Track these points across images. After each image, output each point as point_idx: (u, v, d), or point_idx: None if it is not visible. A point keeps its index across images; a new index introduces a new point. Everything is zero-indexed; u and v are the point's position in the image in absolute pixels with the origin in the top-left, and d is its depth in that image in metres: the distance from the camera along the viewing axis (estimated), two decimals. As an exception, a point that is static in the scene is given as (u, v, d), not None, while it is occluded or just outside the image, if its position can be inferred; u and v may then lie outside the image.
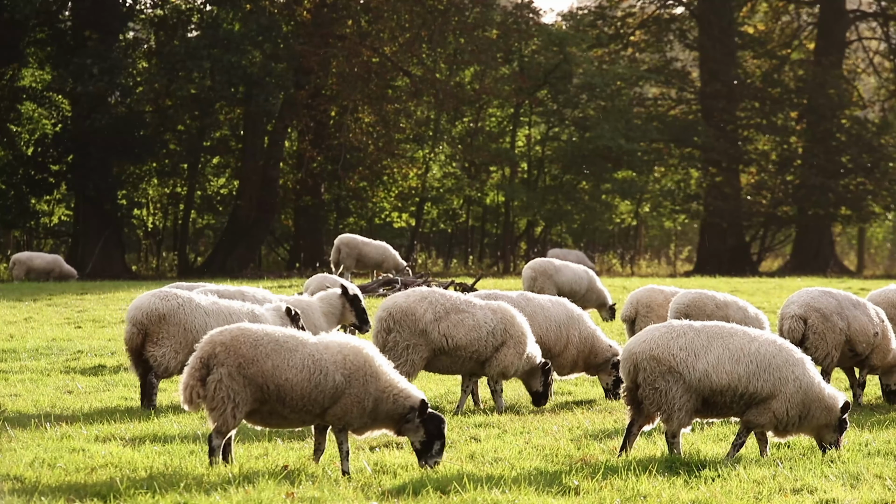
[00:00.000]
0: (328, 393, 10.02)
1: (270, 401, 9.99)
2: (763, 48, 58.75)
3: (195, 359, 10.02)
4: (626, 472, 10.04)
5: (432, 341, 13.58)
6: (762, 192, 57.38)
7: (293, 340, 10.12)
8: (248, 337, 10.01)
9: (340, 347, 10.18)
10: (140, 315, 13.88)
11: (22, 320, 23.61)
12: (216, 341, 10.02)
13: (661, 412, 10.67)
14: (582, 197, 54.69)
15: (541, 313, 14.51)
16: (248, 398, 9.93)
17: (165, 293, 14.11)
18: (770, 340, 10.87)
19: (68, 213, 51.65)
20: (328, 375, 10.02)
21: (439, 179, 54.66)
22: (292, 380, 9.95)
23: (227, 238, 49.45)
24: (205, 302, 14.15)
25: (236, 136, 51.77)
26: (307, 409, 10.06)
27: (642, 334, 10.90)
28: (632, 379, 10.80)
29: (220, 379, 9.86)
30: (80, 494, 9.19)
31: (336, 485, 9.60)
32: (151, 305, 13.90)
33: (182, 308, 13.91)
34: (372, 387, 10.12)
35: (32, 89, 48.27)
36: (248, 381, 9.90)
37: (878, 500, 9.30)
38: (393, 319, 13.63)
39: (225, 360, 9.90)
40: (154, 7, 49.39)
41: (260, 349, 9.96)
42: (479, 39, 49.71)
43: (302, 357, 10.04)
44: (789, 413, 10.74)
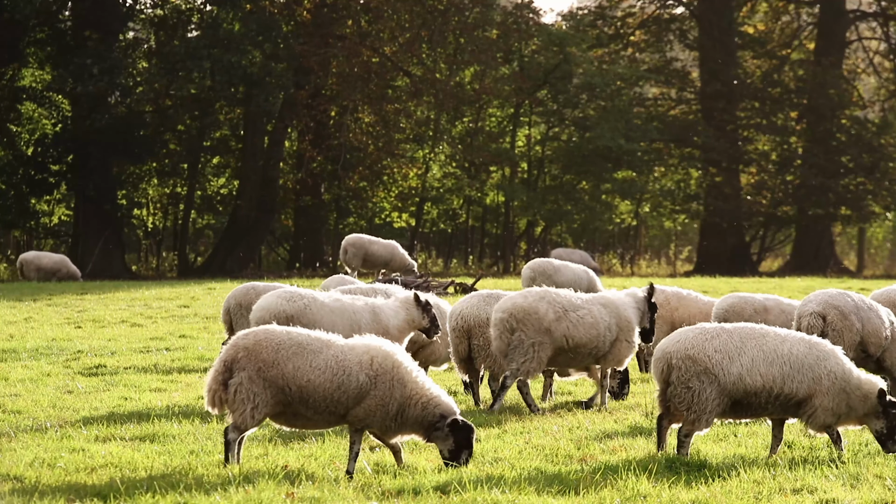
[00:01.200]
0: (351, 394, 10.05)
1: (293, 402, 10.02)
2: (763, 48, 58.74)
3: (219, 362, 10.09)
4: (626, 472, 10.04)
5: (555, 340, 13.77)
6: (762, 192, 57.37)
7: (318, 342, 10.16)
8: (271, 340, 10.06)
9: (368, 349, 10.21)
10: (268, 316, 13.96)
11: (22, 320, 23.62)
12: (239, 345, 10.08)
13: (690, 412, 10.64)
14: (582, 197, 54.68)
15: None
16: (268, 400, 9.97)
17: (291, 293, 14.18)
18: (799, 339, 10.89)
19: (68, 213, 51.65)
20: (352, 376, 10.05)
21: (439, 179, 54.66)
22: (314, 381, 9.99)
23: (227, 238, 49.44)
24: (329, 300, 14.22)
25: (236, 136, 51.77)
26: (330, 409, 10.08)
27: (675, 335, 10.92)
28: (664, 378, 10.82)
29: (241, 382, 9.94)
30: (80, 494, 9.19)
31: (336, 485, 9.60)
32: (279, 307, 14.01)
33: (308, 308, 14.00)
34: (398, 392, 10.13)
35: (32, 89, 48.26)
36: (269, 384, 9.95)
37: (878, 500, 9.30)
38: (515, 319, 13.74)
39: (246, 364, 9.97)
40: (154, 7, 49.39)
41: (281, 352, 10.00)
42: (479, 39, 49.72)
43: (325, 358, 10.07)
44: (838, 404, 10.76)
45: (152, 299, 28.65)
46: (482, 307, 14.23)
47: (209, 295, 30.09)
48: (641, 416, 13.22)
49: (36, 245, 50.92)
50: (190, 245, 55.06)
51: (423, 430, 10.28)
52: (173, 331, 21.87)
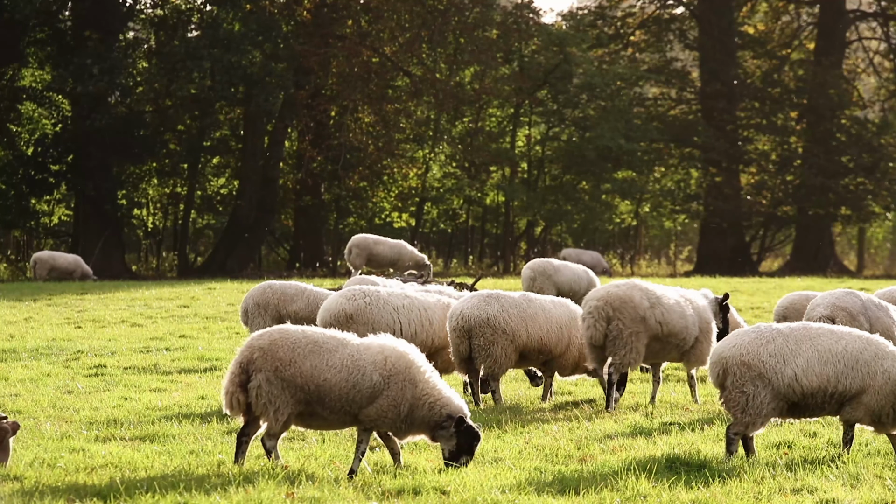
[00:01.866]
0: (365, 393, 10.05)
1: (311, 402, 10.03)
2: (763, 48, 58.74)
3: (235, 364, 10.07)
4: (626, 472, 10.04)
5: (650, 328, 13.91)
6: (762, 192, 57.37)
7: (333, 341, 10.15)
8: (286, 339, 10.05)
9: (382, 349, 10.20)
10: (328, 316, 14.06)
11: (22, 320, 23.61)
12: (255, 346, 10.06)
13: (745, 415, 10.62)
14: (582, 197, 54.68)
15: (542, 314, 14.51)
16: (288, 400, 9.97)
17: (353, 292, 14.22)
18: (857, 336, 10.82)
19: (68, 213, 51.64)
20: (366, 375, 10.05)
21: (439, 179, 54.65)
22: (331, 380, 9.99)
23: (227, 238, 49.43)
24: (394, 298, 14.23)
25: (236, 136, 51.76)
26: (345, 409, 10.09)
27: (731, 338, 10.89)
28: (720, 382, 10.82)
29: (260, 385, 9.92)
30: (80, 494, 9.19)
31: (336, 485, 9.60)
32: (338, 306, 14.10)
33: (369, 307, 14.02)
34: (409, 392, 10.13)
35: (32, 89, 48.26)
36: (287, 384, 9.94)
37: (878, 500, 9.30)
38: (612, 308, 13.87)
39: (262, 365, 9.95)
40: (154, 7, 49.38)
41: (297, 351, 9.99)
42: (479, 39, 49.72)
43: (341, 357, 10.07)
44: (882, 406, 10.65)
45: (152, 299, 28.64)
46: (483, 307, 14.18)
47: (209, 295, 30.09)
48: (641, 416, 13.22)
49: (36, 245, 50.91)
50: (190, 245, 55.04)
51: (429, 430, 10.27)
52: (173, 331, 21.87)
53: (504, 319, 14.11)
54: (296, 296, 17.09)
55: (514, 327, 14.11)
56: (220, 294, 30.32)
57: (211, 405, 13.79)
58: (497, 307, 14.16)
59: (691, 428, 12.40)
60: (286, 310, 16.95)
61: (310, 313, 16.77)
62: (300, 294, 17.12)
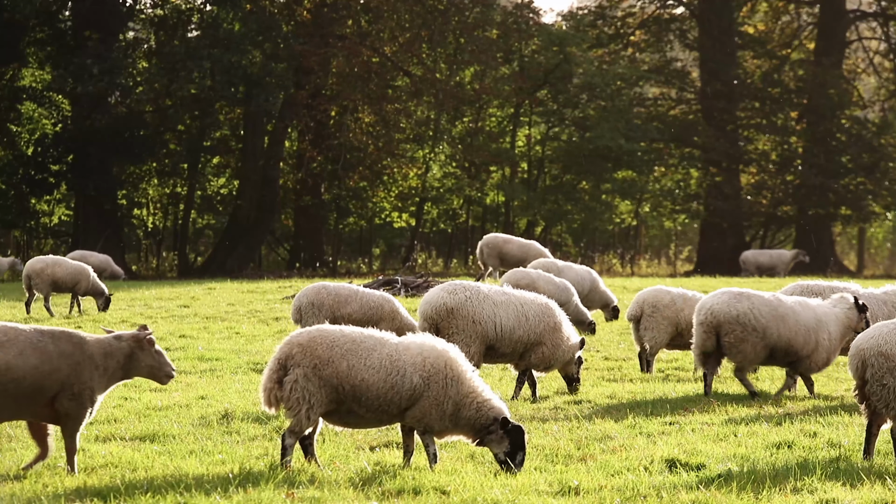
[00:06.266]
0: (405, 394, 10.06)
1: (347, 401, 10.02)
2: (763, 48, 58.74)
3: (273, 360, 10.06)
4: (626, 472, 10.04)
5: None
6: (762, 192, 57.38)
7: (371, 340, 10.15)
8: (326, 338, 10.04)
9: (421, 349, 10.19)
10: (429, 309, 14.26)
11: (22, 320, 23.60)
12: (294, 342, 10.05)
13: (889, 409, 10.53)
14: (582, 197, 54.68)
15: (791, 315, 14.81)
16: (323, 399, 9.96)
17: (453, 287, 14.40)
18: None
19: (68, 213, 51.64)
20: (405, 377, 10.05)
21: (439, 179, 54.64)
22: (368, 380, 9.97)
23: (227, 238, 49.43)
24: (494, 293, 14.39)
25: (236, 136, 51.76)
26: (383, 409, 10.09)
27: (870, 331, 10.85)
28: (860, 375, 10.76)
29: (296, 380, 9.90)
30: (80, 494, 9.19)
31: (336, 485, 9.60)
32: (440, 300, 14.28)
33: (470, 301, 14.18)
34: (452, 391, 10.13)
35: (32, 89, 48.26)
36: (324, 382, 9.94)
37: (878, 500, 9.30)
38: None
39: (301, 360, 9.94)
40: (154, 7, 49.39)
41: (336, 349, 9.98)
42: (479, 39, 49.72)
43: (380, 357, 10.06)
44: None
45: (152, 299, 28.64)
46: (733, 304, 14.53)
47: (209, 295, 30.08)
48: (641, 416, 13.21)
49: (36, 245, 50.92)
50: (190, 245, 55.05)
51: (473, 433, 10.26)
52: (173, 331, 21.85)
53: (754, 317, 14.41)
54: (349, 297, 17.28)
55: (764, 325, 14.41)
56: (220, 294, 30.31)
57: (211, 405, 13.79)
58: (747, 305, 14.43)
59: (691, 428, 12.40)
60: (340, 312, 17.16)
61: (363, 315, 17.03)
62: (353, 296, 17.31)
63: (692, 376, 17.12)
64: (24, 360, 9.69)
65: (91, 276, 25.27)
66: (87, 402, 9.93)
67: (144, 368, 10.19)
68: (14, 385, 9.66)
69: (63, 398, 9.84)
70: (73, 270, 25.00)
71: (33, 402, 9.82)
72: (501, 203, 56.04)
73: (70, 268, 25.01)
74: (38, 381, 9.73)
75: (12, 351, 9.67)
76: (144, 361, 10.16)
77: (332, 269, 48.24)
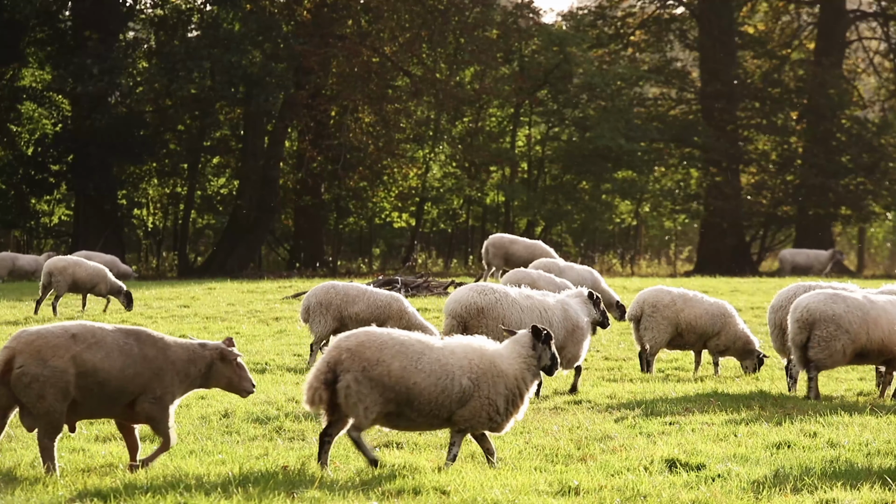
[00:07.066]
0: (455, 397, 10.12)
1: (400, 403, 10.06)
2: (763, 48, 58.75)
3: (322, 362, 10.08)
4: (626, 472, 10.04)
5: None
6: (762, 192, 57.38)
7: (419, 344, 10.19)
8: (374, 341, 10.08)
9: (465, 352, 10.26)
10: (459, 308, 14.42)
11: (22, 320, 23.61)
12: (342, 347, 10.08)
13: None
14: (582, 197, 54.69)
15: (884, 316, 14.89)
16: (377, 399, 9.98)
17: (482, 288, 14.61)
18: None
19: (68, 213, 51.64)
20: (455, 380, 10.11)
21: (439, 179, 54.65)
22: (420, 384, 10.04)
23: (227, 238, 49.44)
24: (520, 297, 14.61)
25: (236, 136, 51.76)
26: (434, 413, 10.16)
27: None
28: None
29: (348, 385, 9.94)
30: (80, 494, 9.19)
31: (336, 485, 9.60)
32: (470, 299, 14.47)
33: (499, 302, 14.39)
34: (501, 386, 10.22)
35: (32, 89, 48.26)
36: (375, 383, 9.96)
37: (878, 500, 9.30)
38: None
39: (350, 365, 9.97)
40: (154, 7, 49.40)
41: (385, 352, 10.02)
42: (479, 39, 49.72)
43: (429, 361, 10.11)
44: None
45: (152, 299, 28.64)
46: (829, 304, 14.57)
47: (209, 295, 30.08)
48: (641, 416, 13.21)
49: (36, 245, 50.93)
50: (190, 245, 55.05)
51: None
52: (173, 331, 21.85)
53: (848, 320, 14.50)
54: (357, 297, 17.44)
55: (856, 329, 14.50)
56: (220, 294, 30.31)
57: (211, 405, 13.78)
58: (843, 307, 14.52)
59: (691, 428, 12.40)
60: (348, 311, 17.35)
61: (370, 315, 17.23)
62: (361, 296, 17.47)
63: (692, 376, 17.13)
64: (111, 363, 9.77)
65: (109, 277, 25.42)
66: (167, 404, 10.02)
67: (223, 380, 10.28)
68: (98, 387, 9.73)
69: (144, 401, 9.92)
70: (93, 272, 25.16)
71: (115, 404, 9.90)
72: (501, 203, 56.05)
73: (90, 269, 25.17)
74: (122, 384, 9.81)
75: (100, 353, 9.73)
76: (224, 373, 10.25)
77: (332, 269, 48.24)
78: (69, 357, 9.61)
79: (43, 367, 9.54)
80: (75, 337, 9.71)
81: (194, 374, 10.15)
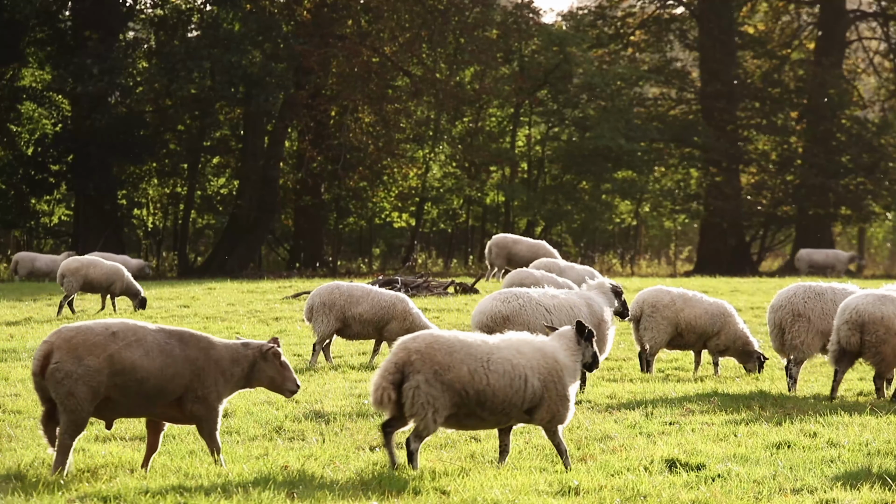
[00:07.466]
0: (527, 397, 10.17)
1: (470, 405, 10.06)
2: (763, 48, 58.76)
3: (390, 363, 10.06)
4: (626, 472, 10.04)
5: None
6: (762, 192, 57.39)
7: (486, 346, 10.21)
8: (443, 344, 10.08)
9: (534, 352, 10.30)
10: (486, 319, 14.48)
11: (22, 320, 23.61)
12: (411, 349, 10.06)
13: None
14: (582, 197, 54.69)
15: None
16: (447, 403, 9.99)
17: (505, 295, 14.66)
18: None
19: (68, 213, 51.64)
20: (527, 381, 10.17)
21: (439, 179, 54.65)
22: (494, 385, 10.05)
23: (227, 238, 49.44)
24: (544, 298, 14.66)
25: (236, 136, 51.76)
26: (506, 412, 10.20)
27: None
28: None
29: (418, 386, 9.92)
30: (80, 494, 9.19)
31: (336, 485, 9.60)
32: (494, 308, 14.56)
33: (524, 308, 14.43)
34: (568, 378, 10.33)
35: (32, 89, 48.26)
36: (446, 387, 9.97)
37: (878, 500, 9.30)
38: None
39: (421, 367, 9.96)
40: (154, 7, 49.40)
41: (455, 356, 10.03)
42: (479, 39, 49.72)
43: (501, 361, 10.13)
44: None
45: (152, 299, 28.63)
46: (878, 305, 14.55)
47: (209, 295, 30.08)
48: (641, 416, 13.22)
49: (36, 245, 50.93)
50: (190, 245, 55.05)
51: None
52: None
53: None
54: (361, 298, 17.44)
55: None
56: (220, 294, 30.31)
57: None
58: (893, 308, 14.48)
59: (691, 428, 12.40)
60: (351, 311, 17.35)
61: (373, 315, 17.30)
62: (365, 296, 17.47)
63: (692, 376, 17.12)
64: (150, 362, 9.77)
65: (126, 277, 25.43)
66: (214, 403, 10.03)
67: (266, 379, 10.26)
68: (137, 385, 9.74)
69: (188, 401, 9.95)
70: (108, 271, 25.19)
71: (154, 403, 9.91)
72: (501, 203, 56.06)
73: (105, 268, 25.20)
74: (161, 383, 9.82)
75: (139, 351, 9.74)
76: (267, 372, 10.23)
77: (332, 269, 48.23)
78: (105, 356, 9.63)
79: (77, 365, 9.57)
80: (115, 335, 9.74)
81: (238, 375, 10.16)
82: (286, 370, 10.30)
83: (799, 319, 15.56)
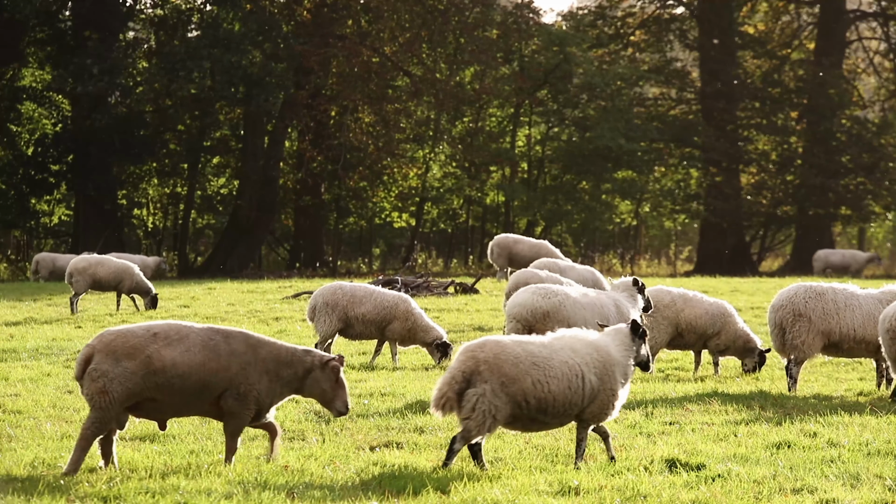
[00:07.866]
0: (587, 395, 10.23)
1: (531, 412, 10.09)
2: (763, 48, 58.76)
3: (457, 371, 10.00)
4: (626, 472, 10.04)
5: None
6: (762, 192, 57.40)
7: (546, 350, 10.23)
8: (509, 355, 10.06)
9: (588, 348, 10.34)
10: (525, 312, 14.70)
11: (22, 320, 23.61)
12: (479, 358, 10.02)
13: None
14: (582, 197, 54.69)
15: None
16: (506, 414, 10.02)
17: (545, 290, 14.84)
18: None
19: (68, 213, 51.64)
20: (585, 379, 10.22)
21: (439, 179, 54.66)
22: (554, 391, 10.10)
23: (227, 238, 49.44)
24: (579, 296, 14.96)
25: (236, 136, 51.77)
26: (567, 412, 10.26)
27: None
28: None
29: (484, 394, 9.91)
30: (80, 494, 9.19)
31: (336, 485, 9.60)
32: (535, 303, 14.75)
33: (563, 305, 14.68)
34: (619, 375, 10.40)
35: (32, 89, 48.27)
36: (510, 398, 9.99)
37: (878, 500, 9.30)
38: None
39: (489, 377, 9.95)
40: (154, 7, 49.41)
41: (521, 367, 10.04)
42: (479, 39, 49.72)
43: (558, 365, 10.16)
44: None
45: (152, 299, 28.61)
46: None
47: (209, 295, 30.10)
48: (641, 416, 13.21)
49: (36, 245, 50.92)
50: (190, 245, 55.05)
51: None
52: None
53: None
54: (364, 298, 17.51)
55: None
56: (220, 294, 30.32)
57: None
58: None
59: (691, 428, 12.40)
60: (354, 312, 17.43)
61: (376, 315, 17.37)
62: (368, 297, 17.54)
63: (692, 376, 17.12)
64: (191, 357, 9.80)
65: (135, 275, 25.43)
66: (251, 403, 10.03)
67: (318, 391, 10.27)
68: (179, 381, 9.77)
69: (228, 397, 9.96)
70: (116, 269, 25.21)
71: (200, 400, 9.96)
72: (501, 203, 56.05)
73: (113, 267, 25.23)
74: (204, 378, 9.85)
75: (179, 348, 9.79)
76: (321, 384, 10.24)
77: (332, 269, 48.22)
78: (143, 357, 9.69)
79: (115, 366, 9.65)
80: (156, 336, 9.80)
81: (288, 377, 10.14)
82: (341, 388, 10.28)
83: (800, 319, 15.54)
